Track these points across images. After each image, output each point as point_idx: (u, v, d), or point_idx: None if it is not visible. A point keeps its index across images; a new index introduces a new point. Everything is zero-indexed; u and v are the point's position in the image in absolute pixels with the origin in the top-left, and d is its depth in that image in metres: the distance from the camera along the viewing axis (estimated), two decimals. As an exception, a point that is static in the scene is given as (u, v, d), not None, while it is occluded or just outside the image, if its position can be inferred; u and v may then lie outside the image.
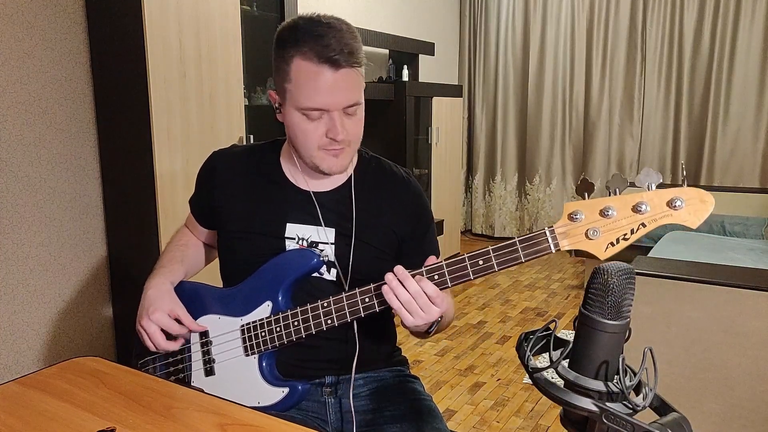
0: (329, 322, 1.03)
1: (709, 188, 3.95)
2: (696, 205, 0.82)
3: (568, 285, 4.17)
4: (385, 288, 0.95)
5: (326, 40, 1.00)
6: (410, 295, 0.94)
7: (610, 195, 0.85)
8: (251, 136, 2.52)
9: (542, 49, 5.04)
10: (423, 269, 0.96)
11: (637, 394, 0.66)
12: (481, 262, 0.94)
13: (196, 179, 1.27)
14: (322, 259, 1.11)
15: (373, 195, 1.18)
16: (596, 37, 4.80)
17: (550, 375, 0.67)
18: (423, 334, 1.07)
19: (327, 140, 1.06)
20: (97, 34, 2.18)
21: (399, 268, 0.95)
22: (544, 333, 0.72)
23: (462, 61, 5.49)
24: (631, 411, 0.62)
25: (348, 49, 1.01)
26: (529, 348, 0.70)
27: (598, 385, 0.64)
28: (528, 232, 0.90)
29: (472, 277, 0.95)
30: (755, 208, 3.92)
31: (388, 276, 0.95)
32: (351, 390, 1.16)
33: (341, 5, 3.83)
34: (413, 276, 0.95)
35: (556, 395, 0.65)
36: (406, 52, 4.16)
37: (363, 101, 1.09)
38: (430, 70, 4.82)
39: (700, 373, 1.70)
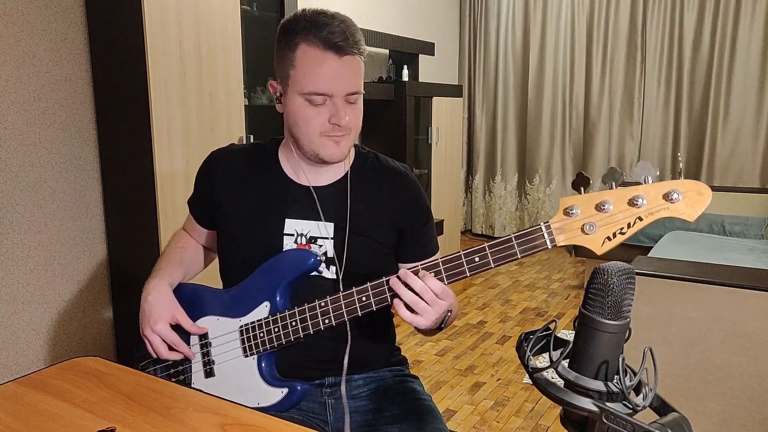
0: (327, 321, 1.03)
1: (709, 188, 3.95)
2: (693, 198, 0.80)
3: (568, 285, 4.17)
4: (393, 281, 0.96)
5: (331, 27, 1.04)
6: (416, 293, 0.95)
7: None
8: (251, 136, 2.52)
9: (542, 49, 5.04)
10: (419, 266, 0.97)
11: (637, 394, 0.66)
12: (477, 259, 0.94)
13: (195, 178, 1.27)
14: (319, 258, 1.11)
15: (371, 188, 1.18)
16: (596, 37, 4.79)
17: (550, 375, 0.67)
18: (434, 330, 1.07)
19: (330, 126, 1.08)
20: (97, 34, 2.17)
21: (403, 271, 0.96)
22: (544, 333, 0.72)
23: (462, 61, 5.48)
24: (631, 411, 0.62)
25: (352, 38, 1.06)
26: (529, 348, 0.70)
27: (598, 385, 0.64)
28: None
29: (468, 275, 0.95)
30: (755, 208, 3.92)
31: (393, 279, 0.96)
32: (343, 383, 1.16)
33: (341, 5, 3.82)
34: (416, 274, 0.96)
35: (556, 395, 0.65)
36: (406, 52, 4.15)
37: (362, 92, 1.12)
38: (430, 70, 4.81)
39: (700, 373, 1.70)
